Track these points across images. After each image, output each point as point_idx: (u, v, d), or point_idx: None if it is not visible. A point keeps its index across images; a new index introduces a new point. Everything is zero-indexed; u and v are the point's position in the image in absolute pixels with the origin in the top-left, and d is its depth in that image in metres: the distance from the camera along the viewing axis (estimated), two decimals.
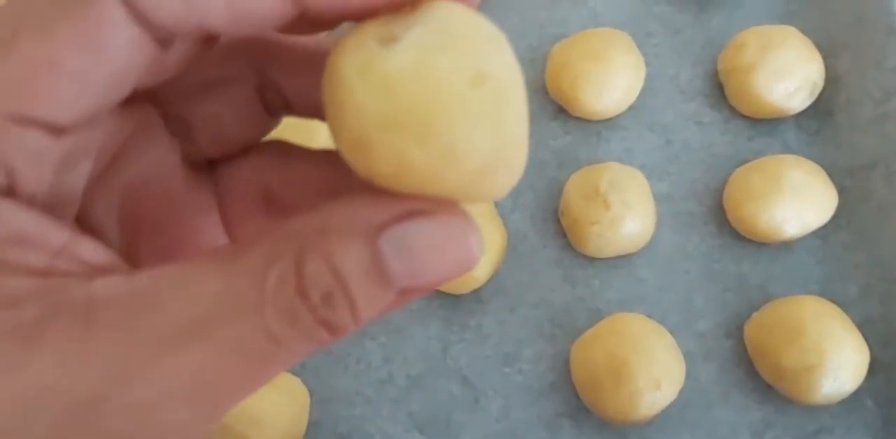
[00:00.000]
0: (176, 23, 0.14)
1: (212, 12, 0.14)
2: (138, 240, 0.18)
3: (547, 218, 0.44)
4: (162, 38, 0.15)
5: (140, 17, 0.14)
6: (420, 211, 0.14)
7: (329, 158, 0.19)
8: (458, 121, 0.13)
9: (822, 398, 0.36)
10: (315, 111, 0.18)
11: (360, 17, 0.15)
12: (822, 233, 0.42)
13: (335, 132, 0.14)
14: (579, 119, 0.45)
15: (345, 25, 0.16)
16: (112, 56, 0.14)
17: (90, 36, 0.14)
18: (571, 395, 0.40)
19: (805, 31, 0.44)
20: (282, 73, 0.18)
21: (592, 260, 0.43)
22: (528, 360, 0.41)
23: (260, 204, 0.19)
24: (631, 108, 0.45)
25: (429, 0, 0.15)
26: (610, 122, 0.45)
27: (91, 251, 0.15)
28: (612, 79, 0.43)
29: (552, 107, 0.46)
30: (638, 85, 0.44)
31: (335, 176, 0.18)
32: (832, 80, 0.43)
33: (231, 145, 0.19)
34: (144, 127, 0.18)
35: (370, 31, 0.14)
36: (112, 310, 0.14)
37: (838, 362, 0.36)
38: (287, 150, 0.20)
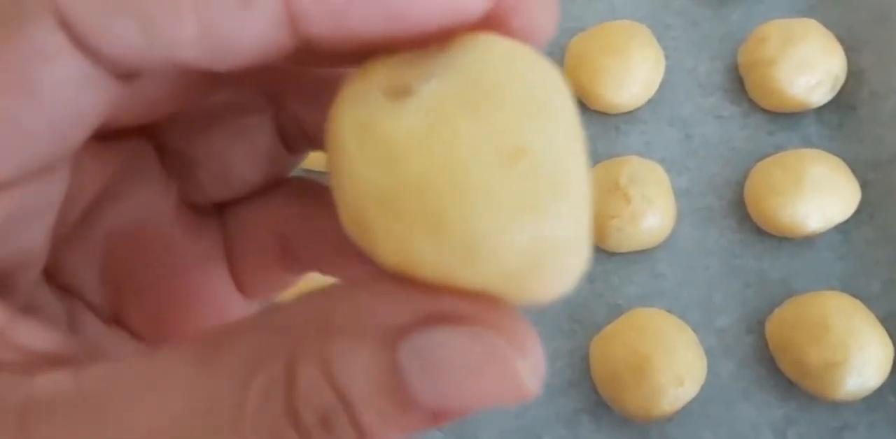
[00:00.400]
0: (135, 56, 0.11)
1: (181, 43, 0.11)
2: (127, 299, 0.15)
3: None
4: (124, 73, 0.12)
5: (87, 49, 0.11)
6: (451, 315, 0.11)
7: None
8: (480, 210, 0.10)
9: (846, 394, 0.36)
10: None
11: (378, 51, 0.12)
12: (843, 228, 0.41)
13: (336, 199, 0.11)
14: (598, 112, 0.45)
15: None
16: (50, 96, 0.11)
17: (17, 71, 0.11)
18: (590, 391, 0.39)
19: (826, 25, 0.43)
20: (301, 101, 0.16)
21: (611, 255, 0.42)
22: (546, 356, 0.40)
23: (277, 254, 0.16)
24: (650, 101, 0.44)
25: (468, 33, 0.11)
26: (629, 116, 0.45)
27: (34, 336, 0.12)
28: (632, 72, 0.42)
29: None
30: (657, 78, 0.43)
31: None
32: (854, 74, 0.43)
33: (241, 186, 0.16)
34: (133, 164, 0.15)
35: (380, 77, 0.11)
36: (53, 418, 0.11)
37: (863, 358, 0.35)
38: (310, 191, 0.17)
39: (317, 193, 0.16)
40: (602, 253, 0.42)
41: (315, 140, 0.16)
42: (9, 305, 0.12)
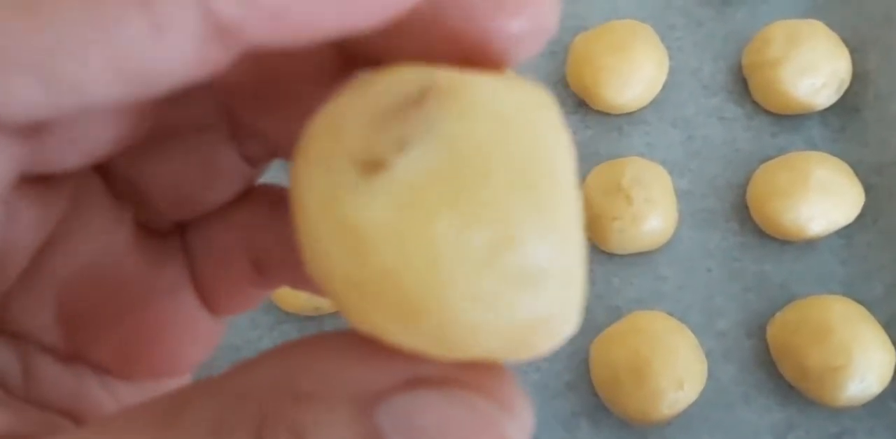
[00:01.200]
0: (38, 111, 0.10)
1: (90, 86, 0.09)
2: (88, 336, 0.14)
3: None
4: (27, 127, 0.10)
5: None
6: (435, 378, 0.10)
7: None
8: (459, 304, 0.09)
9: (847, 399, 0.36)
10: None
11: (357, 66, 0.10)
12: (846, 232, 0.41)
13: (300, 246, 0.10)
14: (600, 113, 0.44)
15: None
16: None
17: None
18: (589, 394, 0.39)
19: (832, 26, 0.43)
20: (260, 114, 0.14)
21: (611, 256, 0.42)
22: (545, 358, 0.40)
23: (248, 270, 0.15)
24: (653, 102, 0.44)
25: (458, 73, 0.10)
26: (631, 117, 0.44)
27: None
28: (635, 72, 0.42)
29: (572, 100, 0.45)
30: (661, 79, 0.43)
31: None
32: (859, 76, 0.42)
33: (201, 206, 0.15)
34: (80, 200, 0.14)
35: (353, 136, 0.10)
36: None
37: (866, 363, 0.35)
38: (280, 199, 0.15)
39: (287, 201, 0.15)
40: (603, 255, 0.42)
41: (278, 150, 0.15)
42: None
